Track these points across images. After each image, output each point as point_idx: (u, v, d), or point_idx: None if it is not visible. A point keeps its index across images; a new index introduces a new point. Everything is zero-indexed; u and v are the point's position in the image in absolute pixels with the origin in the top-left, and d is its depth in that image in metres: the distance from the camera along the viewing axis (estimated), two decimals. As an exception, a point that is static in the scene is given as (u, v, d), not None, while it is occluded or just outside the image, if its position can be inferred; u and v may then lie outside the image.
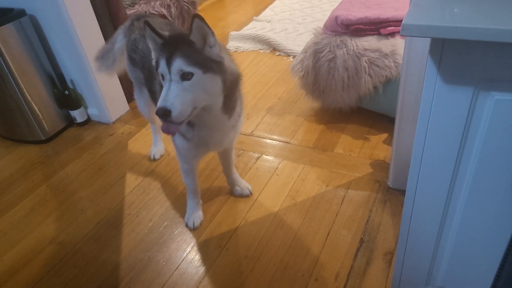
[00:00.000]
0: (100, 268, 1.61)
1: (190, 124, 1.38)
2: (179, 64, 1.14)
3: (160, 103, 1.15)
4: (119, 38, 1.87)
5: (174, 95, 1.15)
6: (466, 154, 0.86)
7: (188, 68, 1.14)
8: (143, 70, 1.70)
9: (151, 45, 1.25)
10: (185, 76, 1.15)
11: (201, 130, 1.40)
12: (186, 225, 1.74)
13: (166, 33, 1.23)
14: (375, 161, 1.97)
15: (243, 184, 1.85)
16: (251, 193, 1.84)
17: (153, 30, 1.19)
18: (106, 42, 2.01)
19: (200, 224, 1.74)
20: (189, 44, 1.16)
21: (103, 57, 1.97)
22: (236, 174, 1.85)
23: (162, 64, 1.16)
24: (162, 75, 1.18)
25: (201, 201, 1.79)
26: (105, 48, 1.98)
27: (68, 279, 1.57)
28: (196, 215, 1.74)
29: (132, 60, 1.78)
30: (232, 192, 1.87)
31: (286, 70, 2.89)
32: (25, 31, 2.20)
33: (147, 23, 1.20)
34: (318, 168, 1.97)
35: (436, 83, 0.80)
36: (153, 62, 1.25)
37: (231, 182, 1.85)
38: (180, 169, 1.68)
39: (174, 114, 1.15)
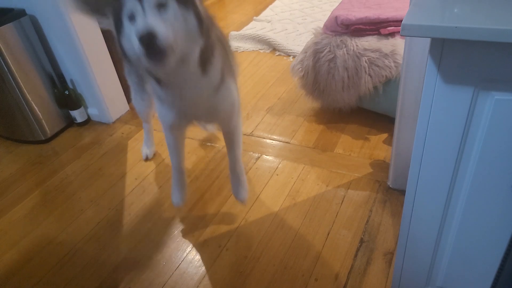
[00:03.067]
0: (100, 268, 1.60)
1: (158, 80, 1.20)
2: None
3: (140, 28, 0.96)
4: None
5: (152, 19, 0.98)
6: (466, 154, 0.86)
7: None
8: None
9: (102, 22, 1.08)
10: (160, 4, 0.99)
11: (169, 86, 1.21)
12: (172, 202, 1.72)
13: None
14: (375, 161, 1.97)
15: (242, 192, 1.66)
16: (243, 203, 1.71)
17: None
18: None
19: (182, 202, 1.69)
20: None
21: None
22: (239, 175, 1.64)
23: (130, 1, 0.99)
24: (131, 15, 1.01)
25: (186, 181, 1.69)
26: None
27: (68, 279, 1.57)
28: (179, 196, 1.67)
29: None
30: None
31: (286, 70, 2.89)
32: (25, 31, 2.20)
33: None
34: (318, 168, 1.97)
35: (436, 83, 0.80)
36: (116, 38, 1.08)
37: (233, 181, 1.66)
38: None
39: (161, 34, 0.96)
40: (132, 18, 1.02)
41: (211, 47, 1.18)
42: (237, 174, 1.64)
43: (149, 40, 0.96)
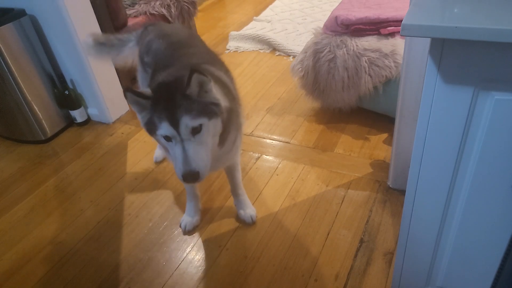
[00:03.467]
0: (100, 268, 1.60)
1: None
2: (187, 120, 1.07)
3: (183, 167, 1.09)
4: (131, 44, 1.79)
5: (193, 154, 1.09)
6: (466, 154, 0.86)
7: (197, 121, 1.09)
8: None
9: (136, 108, 1.16)
10: (195, 130, 1.10)
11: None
12: (180, 226, 1.74)
13: (148, 92, 1.13)
14: (375, 161, 1.97)
15: (248, 210, 1.71)
16: (253, 222, 1.70)
17: (137, 94, 1.11)
18: (112, 35, 1.89)
19: (193, 229, 1.71)
20: (186, 97, 1.10)
21: (106, 45, 1.84)
22: (242, 197, 1.72)
23: (165, 126, 1.08)
24: (167, 137, 1.11)
25: (200, 206, 1.75)
26: (111, 41, 1.84)
27: (68, 279, 1.57)
28: (190, 220, 1.71)
29: (144, 65, 1.66)
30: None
31: (286, 70, 2.89)
32: (25, 31, 2.20)
33: (127, 90, 1.09)
34: (318, 168, 1.97)
35: (436, 83, 0.80)
36: (142, 124, 1.17)
37: (237, 204, 1.74)
38: None
39: (202, 173, 1.10)
40: (168, 138, 1.12)
41: (229, 129, 1.29)
42: (239, 195, 1.72)
43: (194, 179, 1.10)
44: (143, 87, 1.80)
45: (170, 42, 1.58)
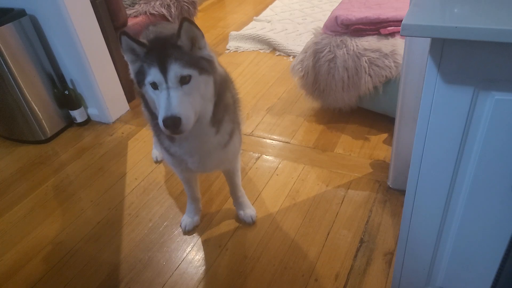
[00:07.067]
0: (100, 268, 1.60)
1: (171, 138, 1.27)
2: (176, 68, 1.06)
3: (164, 112, 1.05)
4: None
5: (177, 101, 1.05)
6: (466, 154, 0.86)
7: (186, 71, 1.07)
8: None
9: (129, 57, 1.14)
10: (184, 80, 1.08)
11: (182, 145, 1.28)
12: (180, 226, 1.74)
13: (145, 41, 1.13)
14: (375, 161, 1.97)
15: (248, 211, 1.72)
16: (253, 222, 1.70)
17: (132, 39, 1.09)
18: None
19: (194, 229, 1.72)
20: (177, 48, 1.09)
21: None
22: (242, 199, 1.72)
23: (154, 72, 1.07)
24: (154, 84, 1.09)
25: (200, 207, 1.75)
26: None
27: (68, 279, 1.57)
28: (190, 220, 1.71)
29: None
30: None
31: (286, 70, 2.89)
32: (25, 31, 2.20)
33: (123, 33, 1.08)
34: (318, 168, 1.97)
35: (436, 83, 0.80)
36: (133, 75, 1.16)
37: (236, 205, 1.75)
38: None
39: (184, 121, 1.05)
40: (154, 86, 1.09)
41: (223, 106, 1.26)
42: (239, 197, 1.72)
43: (174, 125, 1.05)
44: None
45: None
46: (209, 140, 1.27)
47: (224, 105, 1.26)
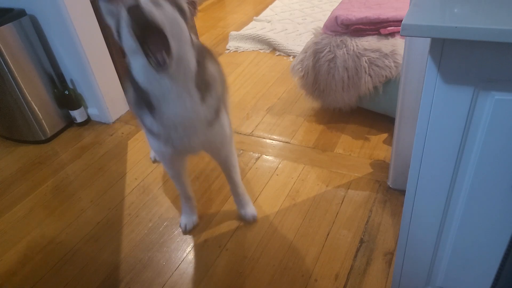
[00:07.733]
0: (100, 268, 1.60)
1: (150, 106, 1.19)
2: None
3: (128, 2, 0.97)
4: None
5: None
6: (466, 154, 0.86)
7: None
8: None
9: (109, 19, 1.09)
10: (156, 3, 1.02)
11: (164, 112, 1.18)
12: (180, 227, 1.74)
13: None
14: (375, 161, 1.97)
15: (249, 209, 1.72)
16: (255, 220, 1.71)
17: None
18: None
19: (193, 227, 1.72)
20: None
21: None
22: (242, 196, 1.71)
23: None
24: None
25: (195, 204, 1.74)
26: None
27: (68, 279, 1.57)
28: (189, 219, 1.71)
29: None
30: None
31: (286, 70, 2.89)
32: (25, 31, 2.20)
33: None
34: (318, 168, 1.97)
35: (436, 83, 0.80)
36: (115, 36, 1.10)
37: (237, 203, 1.74)
38: None
39: (147, 6, 0.97)
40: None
41: (210, 76, 1.23)
42: (239, 195, 1.71)
43: (136, 11, 0.96)
44: None
45: None
46: (193, 107, 1.19)
47: (208, 72, 1.23)
